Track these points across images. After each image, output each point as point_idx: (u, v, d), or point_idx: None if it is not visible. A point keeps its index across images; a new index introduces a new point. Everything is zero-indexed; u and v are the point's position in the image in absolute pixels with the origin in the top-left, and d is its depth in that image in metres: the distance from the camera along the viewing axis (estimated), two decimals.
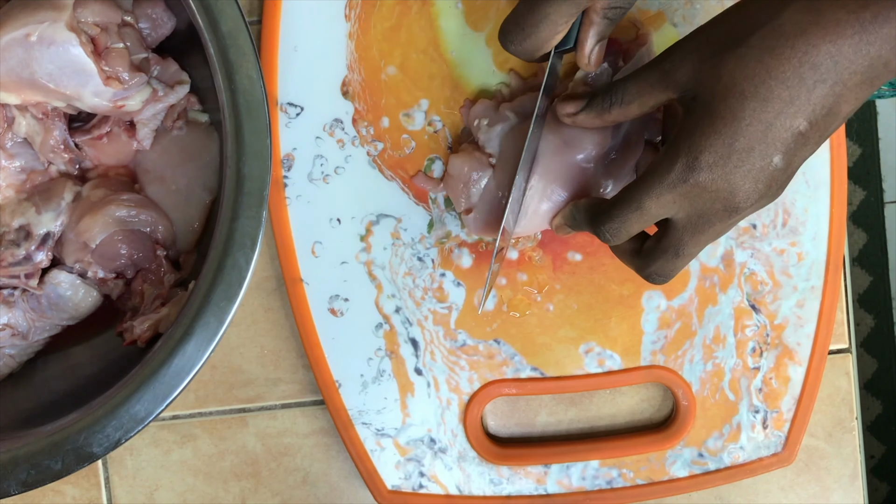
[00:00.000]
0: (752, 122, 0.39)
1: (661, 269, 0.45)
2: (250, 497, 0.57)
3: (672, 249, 0.44)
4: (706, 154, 0.40)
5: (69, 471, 0.44)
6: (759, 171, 0.40)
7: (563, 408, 0.56)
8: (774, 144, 0.39)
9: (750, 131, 0.39)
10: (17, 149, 0.50)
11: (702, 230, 0.43)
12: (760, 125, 0.39)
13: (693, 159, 0.40)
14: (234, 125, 0.44)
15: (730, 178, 0.40)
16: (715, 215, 0.42)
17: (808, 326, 0.55)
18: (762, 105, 0.39)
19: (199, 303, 0.44)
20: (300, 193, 0.54)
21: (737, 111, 0.39)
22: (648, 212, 0.42)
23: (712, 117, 0.40)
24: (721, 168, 0.40)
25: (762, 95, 0.39)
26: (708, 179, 0.40)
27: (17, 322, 0.50)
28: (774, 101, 0.39)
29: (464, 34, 0.53)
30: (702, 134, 0.40)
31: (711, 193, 0.41)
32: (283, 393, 0.56)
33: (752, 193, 0.41)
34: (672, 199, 0.42)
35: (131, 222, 0.50)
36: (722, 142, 0.40)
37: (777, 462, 0.56)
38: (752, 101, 0.39)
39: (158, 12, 0.49)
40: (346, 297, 0.54)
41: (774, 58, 0.39)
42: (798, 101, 0.39)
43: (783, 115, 0.39)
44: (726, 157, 0.40)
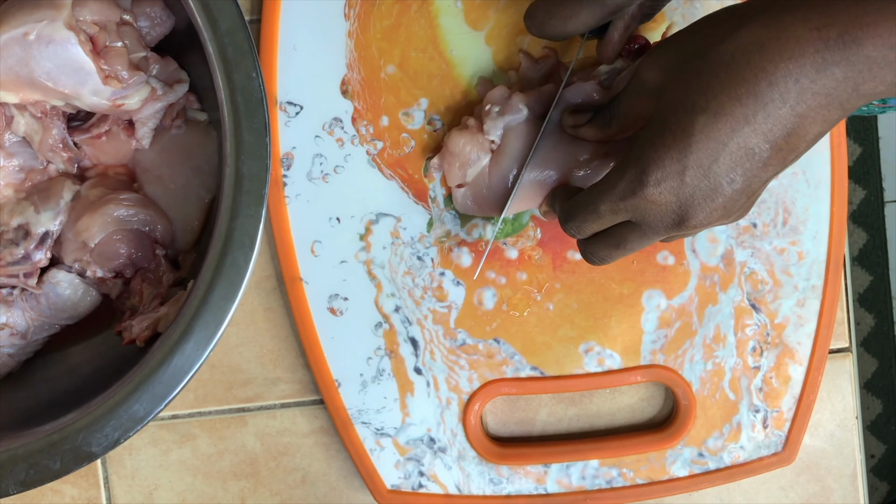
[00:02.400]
0: (701, 140, 0.37)
1: (599, 254, 0.45)
2: (249, 497, 0.57)
3: (615, 240, 0.43)
4: (654, 168, 0.39)
5: (68, 470, 0.44)
6: (713, 191, 0.38)
7: (562, 407, 0.56)
8: (729, 164, 0.37)
9: (700, 149, 0.37)
10: (15, 148, 0.50)
11: (650, 236, 0.42)
12: (712, 143, 0.37)
13: (640, 172, 0.39)
14: (233, 124, 0.44)
15: (680, 196, 0.39)
16: (667, 227, 0.41)
17: (808, 326, 0.55)
18: (713, 121, 0.37)
19: (198, 302, 0.44)
20: (299, 192, 0.54)
21: (687, 126, 0.37)
22: (604, 217, 0.42)
23: (663, 130, 0.38)
24: (670, 184, 0.39)
25: (713, 111, 0.37)
26: (656, 194, 0.39)
27: (16, 321, 0.50)
28: (727, 118, 0.37)
29: (463, 33, 0.53)
30: (651, 146, 0.39)
31: (661, 207, 0.39)
32: (282, 392, 0.56)
33: (707, 214, 0.39)
34: (624, 208, 0.41)
35: (130, 221, 0.50)
36: (671, 157, 0.38)
37: (777, 461, 0.56)
38: (702, 117, 0.37)
39: (157, 11, 0.49)
40: (346, 296, 0.54)
41: (730, 73, 0.37)
42: (755, 120, 0.36)
43: (738, 134, 0.37)
44: (677, 173, 0.38)
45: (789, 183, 0.54)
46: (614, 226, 0.43)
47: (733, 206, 0.39)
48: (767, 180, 0.39)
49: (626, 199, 0.40)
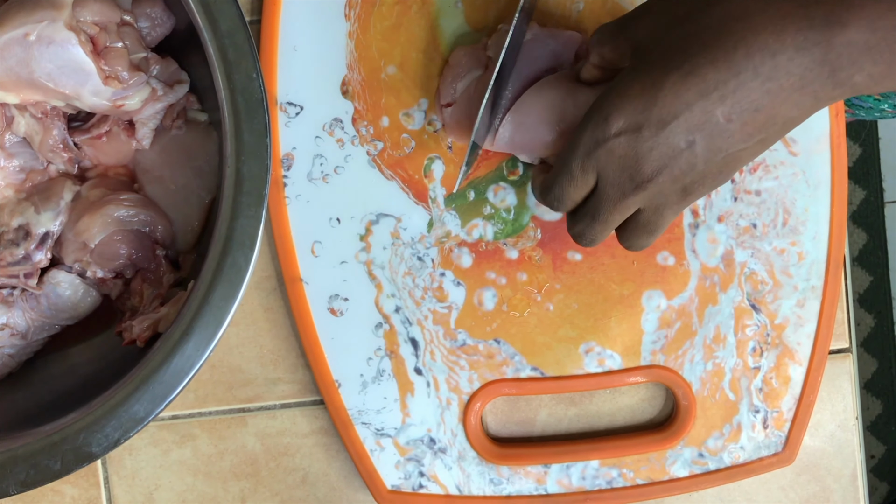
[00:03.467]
0: (668, 95, 0.37)
1: (583, 232, 0.44)
2: (250, 497, 0.57)
3: (590, 213, 0.42)
4: (615, 116, 0.38)
5: (68, 471, 0.44)
6: (671, 149, 0.38)
7: (563, 407, 0.56)
8: (690, 126, 0.37)
9: (665, 104, 0.37)
10: (16, 148, 0.50)
11: (616, 199, 0.41)
12: (677, 101, 0.37)
13: (602, 120, 0.39)
14: (233, 124, 0.44)
15: (637, 148, 0.38)
16: (627, 185, 0.40)
17: (808, 326, 0.55)
18: (683, 80, 0.36)
19: (198, 302, 0.44)
20: (300, 193, 0.54)
21: (657, 81, 0.37)
22: (577, 177, 0.41)
23: (633, 81, 0.38)
24: (628, 135, 0.38)
25: (686, 70, 0.36)
26: (615, 143, 0.39)
27: (16, 322, 0.50)
28: (697, 79, 0.36)
29: (464, 33, 0.53)
30: (617, 94, 0.38)
31: (620, 160, 0.39)
32: (282, 393, 0.56)
33: (662, 171, 0.38)
34: (591, 165, 0.40)
35: (130, 222, 0.50)
36: (634, 107, 0.38)
37: (777, 462, 0.56)
38: (674, 74, 0.37)
39: (157, 11, 0.49)
40: (346, 296, 0.54)
41: (711, 37, 0.36)
42: (724, 87, 0.36)
43: (705, 98, 0.36)
44: (636, 125, 0.38)
45: (789, 183, 0.54)
46: (585, 202, 0.43)
47: (694, 175, 0.39)
48: (735, 159, 0.38)
49: (591, 151, 0.40)
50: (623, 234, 0.44)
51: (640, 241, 0.44)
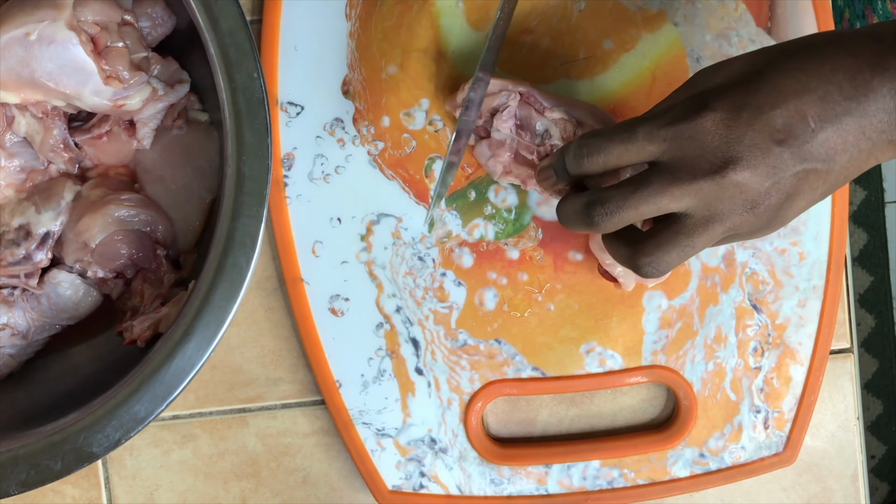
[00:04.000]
0: (764, 89, 0.38)
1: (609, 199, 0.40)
2: (250, 497, 0.57)
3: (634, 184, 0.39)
4: (716, 100, 0.39)
5: (69, 471, 0.44)
6: (762, 141, 0.38)
7: (564, 408, 0.56)
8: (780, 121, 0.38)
9: (763, 95, 0.38)
10: (16, 148, 0.50)
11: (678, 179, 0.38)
12: (774, 93, 0.38)
13: (702, 100, 0.39)
14: (234, 124, 0.44)
15: (729, 131, 0.38)
16: (699, 167, 0.38)
17: (809, 326, 0.55)
18: (780, 78, 0.39)
19: (199, 302, 0.44)
20: (300, 193, 0.54)
21: (753, 79, 0.39)
22: (637, 141, 0.39)
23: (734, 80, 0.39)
24: (725, 115, 0.38)
25: (781, 71, 0.39)
26: (709, 123, 0.38)
27: (17, 322, 0.50)
28: (792, 81, 0.39)
29: (464, 33, 0.53)
30: (718, 88, 0.39)
31: (705, 140, 0.38)
32: (283, 393, 0.56)
33: (748, 162, 0.38)
34: (663, 136, 0.39)
35: (131, 222, 0.50)
36: (734, 97, 0.38)
37: (778, 462, 0.56)
38: (770, 73, 0.39)
39: (158, 11, 0.49)
40: (347, 296, 0.54)
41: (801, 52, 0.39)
42: (814, 92, 0.38)
43: (797, 97, 0.38)
44: (736, 108, 0.38)
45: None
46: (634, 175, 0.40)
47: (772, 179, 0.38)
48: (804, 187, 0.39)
49: (675, 123, 0.39)
50: (646, 245, 0.40)
51: (667, 256, 0.40)
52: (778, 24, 0.54)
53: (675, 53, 0.54)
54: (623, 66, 0.54)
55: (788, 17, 0.54)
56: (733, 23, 0.54)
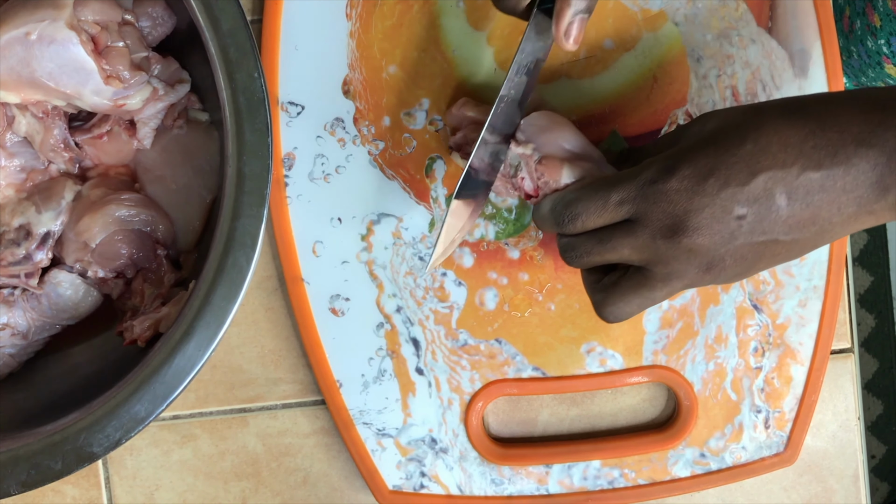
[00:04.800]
0: (739, 162, 0.39)
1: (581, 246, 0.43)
2: (251, 497, 0.57)
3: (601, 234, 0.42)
4: (686, 165, 0.40)
5: (69, 471, 0.44)
6: (721, 212, 0.39)
7: (564, 408, 0.56)
8: (749, 196, 0.39)
9: (734, 168, 0.39)
10: (17, 148, 0.50)
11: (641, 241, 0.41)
12: (745, 169, 0.39)
13: (672, 164, 0.40)
14: (234, 124, 0.44)
15: (692, 201, 0.39)
16: (661, 234, 0.40)
17: (810, 326, 0.55)
18: (756, 153, 0.39)
19: (199, 302, 0.44)
20: (301, 192, 0.54)
21: (732, 146, 0.39)
22: (609, 207, 0.41)
23: (708, 142, 0.40)
24: (691, 183, 0.39)
25: (761, 145, 0.39)
26: (674, 188, 0.40)
27: (17, 322, 0.50)
28: (768, 156, 0.38)
29: (465, 33, 0.53)
30: (691, 149, 0.40)
31: (670, 207, 0.40)
32: (283, 393, 0.56)
33: (703, 231, 0.39)
34: (633, 203, 0.41)
35: (131, 222, 0.49)
36: (705, 163, 0.39)
37: (779, 462, 0.56)
38: (749, 145, 0.39)
39: (159, 11, 0.49)
40: (347, 296, 0.54)
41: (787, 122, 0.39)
42: (789, 170, 0.38)
43: (769, 175, 0.38)
44: (702, 176, 0.39)
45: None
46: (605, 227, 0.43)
47: (727, 247, 0.40)
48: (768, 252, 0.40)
49: (644, 186, 0.40)
50: (610, 293, 0.43)
51: (628, 306, 0.43)
52: (778, 24, 0.54)
53: (675, 53, 0.54)
54: (623, 65, 0.54)
55: (789, 17, 0.54)
56: (734, 22, 0.54)
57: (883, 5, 0.68)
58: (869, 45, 0.70)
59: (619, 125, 0.54)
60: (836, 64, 0.54)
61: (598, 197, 0.42)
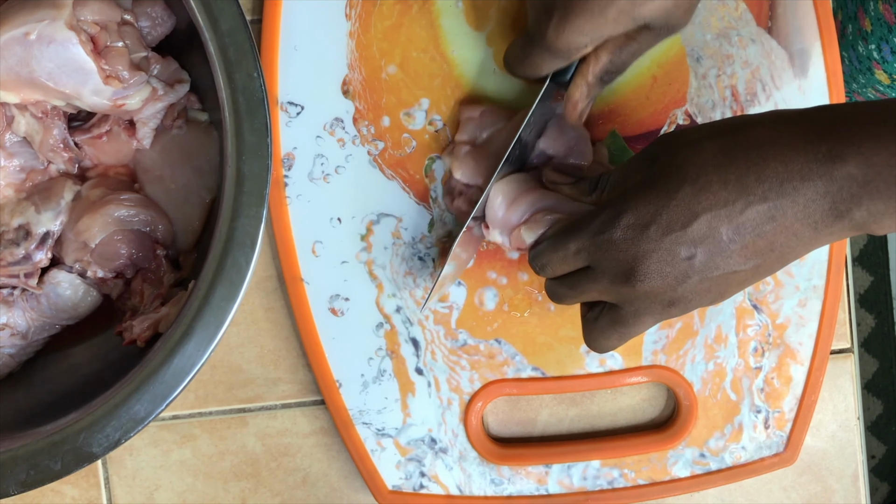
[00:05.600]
0: (679, 205, 0.39)
1: (556, 292, 0.46)
2: (250, 497, 0.57)
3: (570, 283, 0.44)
4: (627, 213, 0.40)
5: (69, 471, 0.44)
6: (669, 255, 0.40)
7: (564, 408, 0.56)
8: (693, 237, 0.39)
9: (675, 212, 0.39)
10: (16, 148, 0.50)
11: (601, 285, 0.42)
12: (686, 212, 0.39)
13: (615, 214, 0.41)
14: (234, 124, 0.44)
15: (638, 247, 0.40)
16: (617, 279, 0.41)
17: (809, 326, 0.55)
18: (696, 194, 0.39)
19: (198, 302, 0.44)
20: (300, 193, 0.54)
21: (671, 189, 0.39)
22: (569, 257, 0.43)
23: (649, 186, 0.40)
24: (633, 233, 0.40)
25: (700, 185, 0.39)
26: (620, 238, 0.40)
27: (17, 322, 0.50)
28: (708, 195, 0.39)
29: (464, 33, 0.53)
30: (633, 196, 0.41)
31: (618, 253, 0.41)
32: (283, 393, 0.56)
33: (654, 275, 0.40)
34: (589, 251, 0.42)
35: (131, 222, 0.50)
36: (646, 210, 0.40)
37: (779, 462, 0.56)
38: (688, 187, 0.39)
39: (158, 11, 0.49)
40: (347, 296, 0.54)
41: (726, 157, 0.39)
42: (732, 207, 0.38)
43: (711, 215, 0.39)
44: (643, 225, 0.40)
45: None
46: (576, 270, 0.44)
47: (682, 288, 0.40)
48: (727, 282, 0.40)
49: (594, 236, 0.42)
50: (592, 328, 0.45)
51: (608, 341, 0.45)
52: (778, 24, 0.54)
53: (675, 53, 0.54)
54: None
55: (789, 17, 0.54)
56: (734, 22, 0.54)
57: (874, 10, 0.68)
58: (860, 51, 0.70)
59: (619, 125, 0.54)
60: (836, 64, 0.54)
61: (558, 248, 0.44)
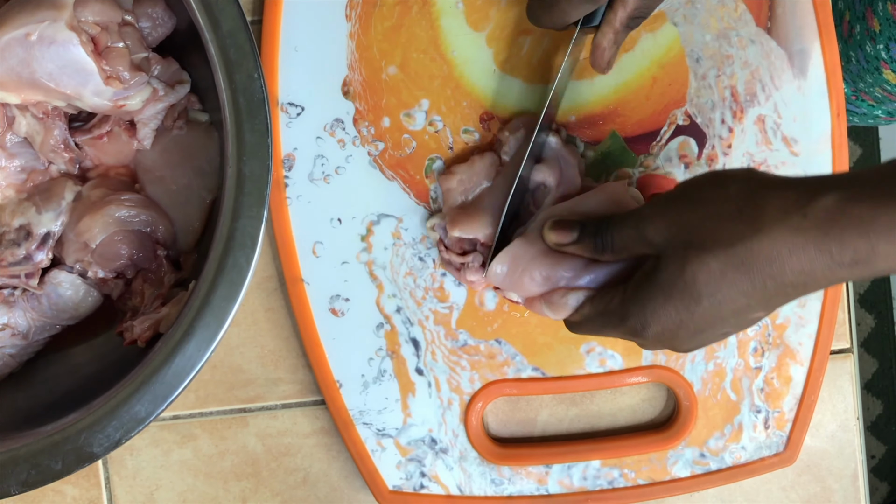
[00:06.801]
0: (704, 314, 0.41)
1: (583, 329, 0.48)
2: (250, 497, 0.57)
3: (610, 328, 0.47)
4: (653, 327, 0.43)
5: (69, 471, 0.44)
6: (704, 340, 0.44)
7: (564, 408, 0.56)
8: (724, 328, 0.43)
9: (701, 320, 0.42)
10: (17, 148, 0.50)
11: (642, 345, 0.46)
12: (712, 319, 0.42)
13: (641, 328, 0.43)
14: (234, 125, 0.44)
15: (673, 344, 0.44)
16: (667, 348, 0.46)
17: (809, 326, 0.55)
18: (717, 306, 0.41)
19: (199, 303, 0.44)
20: (301, 193, 0.54)
21: (690, 305, 0.41)
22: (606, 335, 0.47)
23: (665, 297, 0.42)
24: (665, 337, 0.43)
25: (719, 299, 0.41)
26: (652, 342, 0.44)
27: (18, 322, 0.50)
28: (732, 304, 0.41)
29: (464, 34, 0.53)
30: (653, 310, 0.42)
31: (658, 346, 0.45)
32: (283, 393, 0.56)
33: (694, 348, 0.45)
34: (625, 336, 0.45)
35: (131, 222, 0.50)
36: (670, 321, 0.42)
37: (778, 462, 0.56)
38: (706, 301, 0.41)
39: (159, 12, 0.49)
40: (347, 297, 0.54)
41: (741, 274, 0.40)
42: (757, 304, 0.41)
43: (738, 315, 0.41)
44: (672, 331, 0.43)
45: None
46: None
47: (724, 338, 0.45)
48: (756, 321, 0.43)
49: (626, 337, 0.45)
50: None
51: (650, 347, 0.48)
52: (777, 24, 0.54)
53: (674, 54, 0.54)
54: (623, 66, 0.54)
55: (788, 17, 0.54)
56: (733, 23, 0.54)
57: (883, 10, 0.68)
58: (868, 50, 0.70)
59: (619, 126, 0.54)
60: (836, 64, 0.54)
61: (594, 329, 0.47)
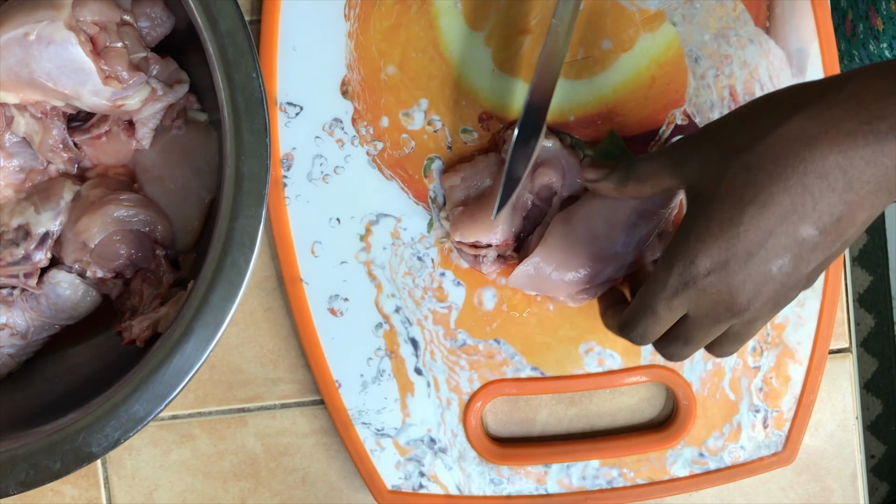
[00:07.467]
0: (749, 229, 0.38)
1: (676, 353, 0.45)
2: (249, 497, 0.57)
3: (682, 338, 0.43)
4: (701, 258, 0.39)
5: (68, 471, 0.44)
6: (761, 276, 0.39)
7: (563, 407, 0.56)
8: (776, 250, 0.38)
9: (748, 237, 0.38)
10: (15, 148, 0.50)
11: (710, 326, 0.42)
12: (760, 232, 0.38)
13: (689, 264, 0.40)
14: (233, 124, 0.44)
15: (729, 283, 0.39)
16: (723, 315, 0.41)
17: (808, 326, 0.55)
18: (760, 211, 0.38)
19: (198, 302, 0.44)
20: (299, 193, 0.54)
21: (734, 217, 0.38)
22: (663, 316, 0.42)
23: (709, 221, 0.39)
24: (718, 273, 0.39)
25: (761, 202, 0.38)
26: (706, 283, 0.40)
27: (16, 322, 0.50)
28: (775, 207, 0.38)
29: (463, 34, 0.53)
30: (698, 238, 0.39)
31: (713, 296, 0.40)
32: (282, 393, 0.56)
33: (756, 297, 0.40)
34: (680, 302, 0.41)
35: (130, 222, 0.50)
36: (718, 246, 0.39)
37: (777, 461, 0.56)
38: (750, 208, 0.38)
39: (157, 11, 0.49)
40: (346, 296, 0.54)
41: (778, 166, 0.37)
42: (803, 208, 0.37)
43: (786, 223, 0.38)
44: (724, 262, 0.39)
45: None
46: (675, 327, 0.43)
47: (786, 290, 0.40)
48: (821, 261, 0.40)
49: (679, 292, 0.40)
50: (712, 346, 0.45)
51: (730, 349, 0.44)
52: (776, 24, 0.54)
53: (673, 53, 0.54)
54: (622, 66, 0.54)
55: (787, 17, 0.54)
56: (732, 22, 0.54)
57: (886, 9, 0.68)
58: (871, 49, 0.70)
59: (618, 125, 0.54)
60: (835, 64, 0.54)
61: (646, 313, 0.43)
